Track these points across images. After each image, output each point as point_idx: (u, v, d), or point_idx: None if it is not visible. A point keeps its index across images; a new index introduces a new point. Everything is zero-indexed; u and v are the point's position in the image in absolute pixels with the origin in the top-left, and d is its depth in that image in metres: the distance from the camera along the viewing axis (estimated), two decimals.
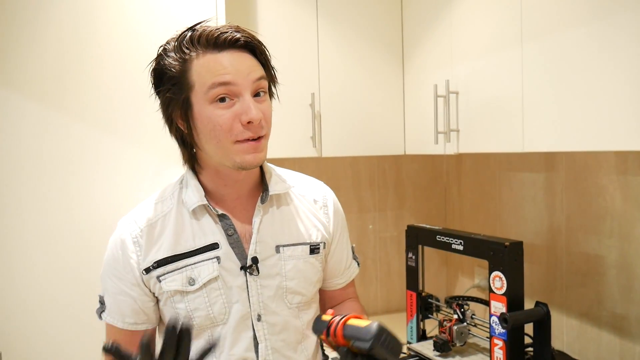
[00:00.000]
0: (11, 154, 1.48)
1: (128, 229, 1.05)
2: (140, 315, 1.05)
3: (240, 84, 0.95)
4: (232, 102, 0.95)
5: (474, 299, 1.73)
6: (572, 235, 1.69)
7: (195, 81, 0.95)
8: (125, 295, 1.04)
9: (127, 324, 1.05)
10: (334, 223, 1.17)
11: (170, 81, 0.97)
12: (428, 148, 1.80)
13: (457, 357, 1.61)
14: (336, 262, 1.19)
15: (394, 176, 2.36)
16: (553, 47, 1.28)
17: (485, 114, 1.52)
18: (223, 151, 0.98)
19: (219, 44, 0.95)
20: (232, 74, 0.94)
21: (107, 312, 1.06)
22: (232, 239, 1.05)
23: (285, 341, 1.08)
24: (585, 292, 1.65)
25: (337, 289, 1.23)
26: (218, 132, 0.96)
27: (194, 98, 0.96)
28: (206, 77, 0.94)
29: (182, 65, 0.96)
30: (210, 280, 1.02)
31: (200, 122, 0.97)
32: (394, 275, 2.35)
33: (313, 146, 1.83)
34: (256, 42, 0.99)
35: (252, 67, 0.97)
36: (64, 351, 1.52)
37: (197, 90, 0.96)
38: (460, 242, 1.59)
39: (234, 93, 0.95)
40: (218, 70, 0.94)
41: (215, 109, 0.95)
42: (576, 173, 1.67)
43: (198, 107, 0.96)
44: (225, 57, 0.95)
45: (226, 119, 0.95)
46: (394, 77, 1.95)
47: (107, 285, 1.05)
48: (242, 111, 0.95)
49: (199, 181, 1.06)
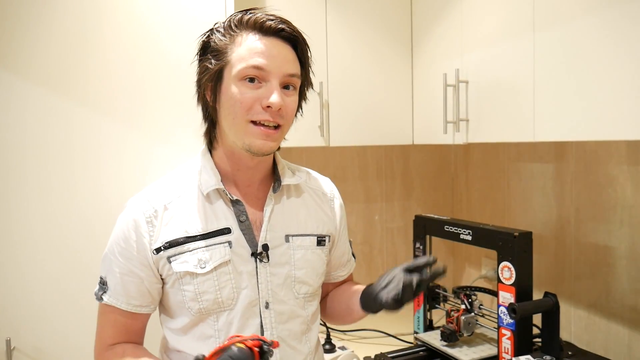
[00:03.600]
0: (16, 142, 1.48)
1: (141, 208, 1.05)
2: (146, 297, 1.05)
3: (271, 71, 0.98)
4: (259, 84, 0.99)
5: (481, 289, 1.72)
6: (581, 225, 1.68)
7: (233, 57, 0.99)
8: (133, 276, 1.04)
9: (132, 306, 1.05)
10: (339, 218, 1.21)
11: (212, 52, 1.01)
12: (437, 138, 1.79)
13: (465, 347, 1.61)
14: (340, 255, 1.24)
15: (401, 166, 2.35)
16: (565, 35, 1.26)
17: (495, 104, 1.50)
18: (236, 128, 1.00)
19: (264, 30, 0.99)
20: (267, 60, 0.98)
21: (109, 293, 1.05)
22: (243, 225, 1.06)
23: (291, 331, 1.09)
24: (594, 283, 1.64)
25: (340, 281, 1.27)
26: (237, 108, 0.98)
27: (226, 72, 1.00)
28: (243, 55, 0.98)
29: (227, 39, 1.00)
30: (221, 264, 1.03)
31: (225, 95, 1.00)
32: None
33: (321, 135, 1.82)
34: (300, 39, 1.03)
35: (288, 61, 1.01)
36: (72, 337, 1.52)
37: (231, 66, 0.99)
38: (468, 233, 1.58)
39: (263, 77, 0.99)
40: (255, 53, 0.98)
41: (242, 87, 0.98)
42: (586, 163, 1.65)
43: (227, 82, 1.00)
44: (266, 42, 0.99)
45: (248, 98, 0.98)
46: (402, 65, 1.93)
47: (113, 265, 1.04)
48: (265, 95, 0.98)
49: (215, 164, 1.08)
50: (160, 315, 1.12)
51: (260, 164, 1.08)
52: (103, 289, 1.06)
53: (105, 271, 1.07)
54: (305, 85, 1.08)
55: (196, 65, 1.07)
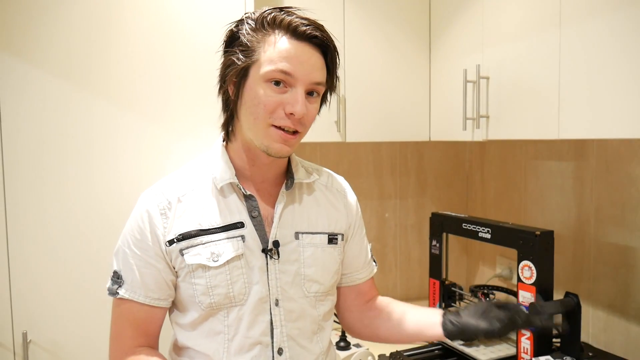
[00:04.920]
0: (34, 134, 1.47)
1: (155, 200, 1.04)
2: (164, 290, 1.04)
3: (298, 78, 0.97)
4: (284, 89, 0.97)
5: (499, 289, 1.70)
6: (601, 225, 1.66)
7: (261, 57, 0.97)
8: (150, 268, 1.02)
9: (150, 299, 1.03)
10: (353, 216, 1.19)
11: (240, 46, 0.99)
12: (455, 134, 1.77)
13: (482, 347, 1.59)
14: (355, 256, 1.20)
15: (416, 163, 2.32)
16: (593, 31, 1.23)
17: (517, 100, 1.48)
18: (257, 129, 0.99)
19: (297, 33, 0.97)
20: (295, 67, 0.96)
21: (126, 288, 1.02)
22: (255, 220, 1.05)
23: (301, 329, 1.07)
24: (613, 284, 1.62)
25: (361, 283, 1.23)
26: (260, 109, 0.97)
27: (253, 70, 0.98)
28: (272, 57, 0.96)
29: (257, 36, 0.98)
30: (233, 258, 1.02)
31: (249, 94, 0.99)
32: (413, 263, 2.33)
33: (337, 131, 1.80)
34: (331, 47, 1.02)
35: (317, 68, 0.99)
36: (87, 330, 1.52)
37: (258, 65, 0.97)
38: (487, 231, 1.56)
39: (290, 83, 0.97)
40: (285, 57, 0.96)
41: (267, 89, 0.97)
42: (608, 162, 1.63)
43: (253, 80, 0.98)
44: (297, 47, 0.97)
45: (272, 101, 0.97)
46: (420, 61, 1.91)
47: (128, 258, 1.03)
48: (289, 101, 0.97)
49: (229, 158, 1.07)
50: (169, 309, 1.10)
51: (275, 161, 1.07)
52: (118, 283, 1.04)
53: (119, 265, 1.05)
54: (329, 92, 1.07)
55: (221, 54, 1.05)
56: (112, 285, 1.04)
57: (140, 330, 1.04)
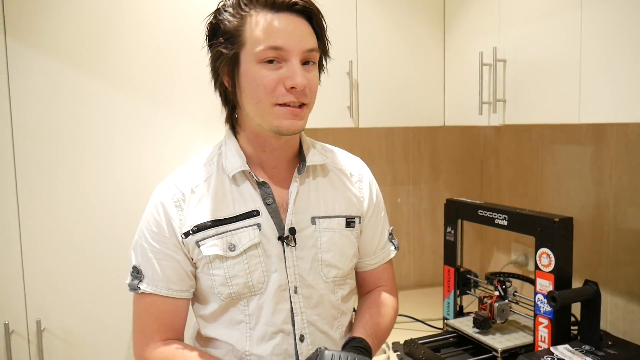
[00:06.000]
0: (50, 122, 1.46)
1: (169, 192, 1.03)
2: (186, 281, 1.03)
3: (290, 50, 0.94)
4: (279, 65, 0.94)
5: (515, 276, 1.68)
6: (620, 211, 1.62)
7: (248, 39, 0.94)
8: (170, 260, 1.01)
9: (173, 291, 1.02)
10: (368, 198, 1.15)
11: (223, 35, 0.96)
12: (471, 119, 1.73)
13: (498, 335, 1.57)
14: (368, 240, 1.17)
15: (429, 148, 2.29)
16: (616, 9, 1.19)
17: (536, 83, 1.44)
18: (262, 112, 0.96)
19: (277, 5, 0.94)
20: (284, 39, 0.93)
21: (147, 282, 1.01)
22: (270, 207, 1.03)
23: (321, 315, 1.06)
24: (632, 270, 1.59)
25: (368, 271, 1.20)
26: (260, 92, 0.94)
27: (243, 55, 0.95)
28: (259, 37, 0.93)
29: (238, 21, 0.95)
30: (250, 247, 1.00)
31: (245, 80, 0.96)
32: (427, 250, 2.31)
33: (350, 116, 1.77)
34: (314, 10, 0.98)
35: (305, 35, 0.96)
36: (101, 319, 1.52)
37: (247, 49, 0.94)
38: (504, 217, 1.53)
39: (283, 57, 0.94)
40: (271, 33, 0.93)
41: (262, 69, 0.94)
42: (628, 146, 1.59)
43: (245, 65, 0.95)
44: (280, 19, 0.94)
45: (270, 80, 0.94)
46: (434, 44, 1.87)
47: (147, 252, 1.01)
48: (287, 75, 0.94)
49: (239, 146, 1.05)
50: (191, 303, 1.09)
51: (286, 144, 1.05)
52: (138, 278, 1.02)
53: (138, 259, 1.03)
54: (324, 57, 1.04)
55: (207, 50, 1.01)
56: (132, 281, 1.02)
57: (165, 324, 1.03)
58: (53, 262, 1.47)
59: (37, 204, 1.45)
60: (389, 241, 1.23)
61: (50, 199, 1.46)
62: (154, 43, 1.52)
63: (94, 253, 1.50)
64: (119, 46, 1.49)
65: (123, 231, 1.48)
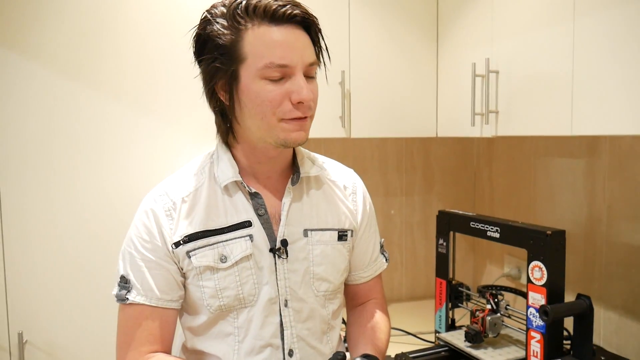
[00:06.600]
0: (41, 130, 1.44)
1: (160, 201, 1.00)
2: (176, 290, 0.99)
3: (295, 66, 0.91)
4: (283, 79, 0.91)
5: (508, 289, 1.66)
6: (613, 224, 1.61)
7: (248, 54, 0.90)
8: (161, 269, 0.97)
9: (163, 301, 0.98)
10: (362, 212, 1.14)
11: (218, 50, 0.91)
12: (463, 130, 1.72)
13: (490, 349, 1.54)
14: (361, 253, 1.16)
15: (422, 159, 2.28)
16: (608, 22, 1.18)
17: (528, 95, 1.43)
18: (267, 127, 0.93)
19: (276, 18, 0.90)
20: (288, 55, 0.90)
21: (136, 291, 0.97)
22: (262, 218, 1.01)
23: (311, 330, 1.04)
24: (625, 285, 1.57)
25: (360, 284, 1.18)
26: (265, 107, 0.91)
27: (242, 71, 0.91)
28: (262, 52, 0.89)
29: (233, 34, 0.91)
30: (242, 259, 0.98)
31: (247, 96, 0.92)
32: (419, 262, 2.29)
33: (342, 126, 1.76)
34: (313, 22, 0.95)
35: (306, 48, 0.93)
36: (84, 332, 1.49)
37: (248, 64, 0.91)
38: (496, 230, 1.51)
39: (287, 73, 0.91)
40: (274, 48, 0.89)
41: (266, 84, 0.91)
42: (621, 159, 1.58)
43: (246, 80, 0.92)
44: (281, 33, 0.90)
45: (276, 95, 0.91)
46: (427, 55, 1.86)
47: (136, 261, 0.98)
48: (293, 90, 0.91)
49: (232, 156, 1.02)
50: (179, 313, 1.06)
51: (282, 154, 1.03)
52: (126, 288, 0.98)
53: (127, 269, 0.98)
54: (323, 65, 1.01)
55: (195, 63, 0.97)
56: (120, 291, 0.98)
57: (153, 335, 0.98)
58: (36, 274, 1.44)
59: (19, 215, 1.43)
60: (381, 253, 1.21)
61: (33, 210, 1.44)
62: (144, 51, 1.51)
63: (78, 264, 1.48)
64: (108, 53, 1.48)
65: (110, 242, 1.46)
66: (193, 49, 0.97)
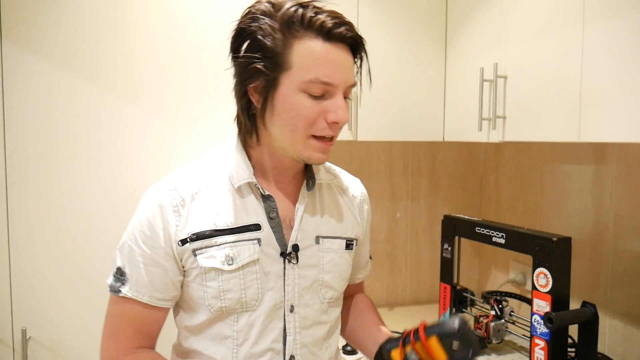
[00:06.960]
0: (42, 127, 1.44)
1: (168, 196, 0.97)
2: (170, 290, 0.98)
3: (338, 85, 0.90)
4: (322, 97, 0.90)
5: (513, 295, 1.65)
6: (620, 232, 1.59)
7: (295, 64, 0.88)
8: (158, 267, 0.96)
9: (155, 299, 0.97)
10: (366, 222, 1.16)
11: (262, 51, 0.89)
12: (470, 135, 1.71)
13: (493, 355, 1.54)
14: (361, 256, 1.19)
15: (429, 163, 2.27)
16: (618, 28, 1.17)
17: (536, 100, 1.42)
18: (294, 141, 0.92)
19: (331, 35, 0.88)
20: (335, 74, 0.89)
21: (130, 286, 0.96)
22: (273, 222, 0.99)
23: (314, 336, 1.03)
24: (632, 293, 1.56)
25: (353, 284, 1.22)
26: (299, 121, 0.90)
27: (284, 79, 0.89)
28: (309, 66, 0.88)
29: (283, 40, 0.89)
30: (249, 263, 0.96)
31: (283, 105, 0.90)
32: (424, 266, 2.28)
33: (349, 129, 1.75)
34: (363, 45, 0.94)
35: (351, 70, 0.92)
36: (87, 328, 1.49)
37: (292, 74, 0.89)
38: (502, 235, 1.51)
39: (329, 92, 0.90)
40: (323, 66, 0.88)
41: (305, 99, 0.89)
42: (629, 166, 1.57)
43: (285, 90, 0.90)
44: (332, 52, 0.89)
45: (312, 112, 0.90)
46: (435, 59, 1.86)
47: (134, 255, 0.96)
48: (330, 110, 0.90)
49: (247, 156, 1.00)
50: (174, 311, 1.05)
51: (298, 163, 1.01)
52: (121, 281, 0.97)
53: (124, 261, 0.97)
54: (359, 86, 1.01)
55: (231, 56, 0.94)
56: (114, 282, 0.97)
57: (140, 331, 0.98)
58: (40, 271, 1.45)
59: (25, 212, 1.44)
60: None
61: (38, 208, 1.44)
62: (147, 49, 1.51)
63: (81, 263, 1.48)
64: (112, 51, 1.48)
65: (113, 240, 1.46)
66: (231, 43, 0.94)
